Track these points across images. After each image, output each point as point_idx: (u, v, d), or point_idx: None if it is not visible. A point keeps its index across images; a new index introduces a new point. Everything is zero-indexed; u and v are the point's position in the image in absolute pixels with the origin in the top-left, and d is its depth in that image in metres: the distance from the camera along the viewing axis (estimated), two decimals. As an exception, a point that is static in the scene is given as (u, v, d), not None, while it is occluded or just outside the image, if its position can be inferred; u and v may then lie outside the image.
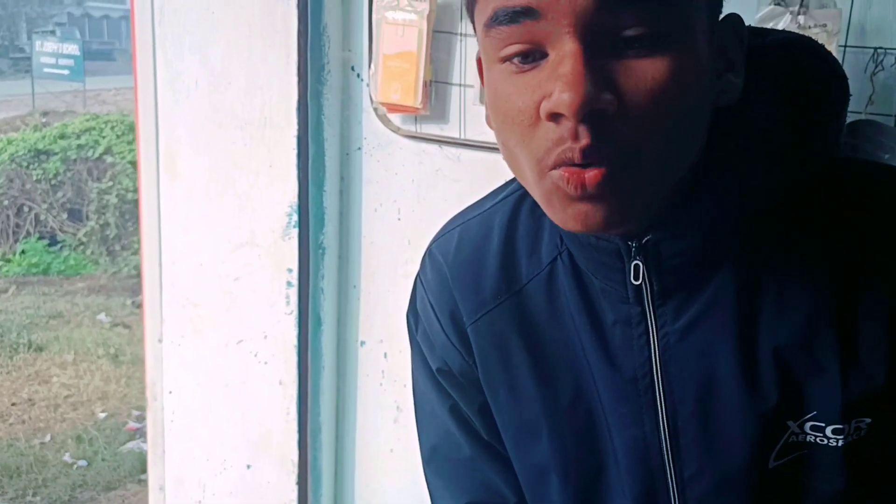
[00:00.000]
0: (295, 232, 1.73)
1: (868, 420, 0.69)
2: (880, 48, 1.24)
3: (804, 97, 0.69)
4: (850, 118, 0.82)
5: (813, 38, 1.22)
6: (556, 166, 0.61)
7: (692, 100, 0.62)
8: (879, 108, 1.19)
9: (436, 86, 1.60)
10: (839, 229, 0.69)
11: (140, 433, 4.15)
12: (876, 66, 1.19)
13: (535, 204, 0.76)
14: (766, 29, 0.75)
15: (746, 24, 0.69)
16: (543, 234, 0.78)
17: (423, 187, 1.67)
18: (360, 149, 1.73)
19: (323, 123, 1.70)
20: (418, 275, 0.87)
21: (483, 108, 1.54)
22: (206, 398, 1.95)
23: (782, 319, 0.69)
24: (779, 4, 1.19)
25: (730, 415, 0.71)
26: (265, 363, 1.85)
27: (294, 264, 1.75)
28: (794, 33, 0.74)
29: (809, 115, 0.69)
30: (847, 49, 1.20)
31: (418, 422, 0.91)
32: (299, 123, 1.67)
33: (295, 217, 1.72)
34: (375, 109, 1.66)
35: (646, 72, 0.59)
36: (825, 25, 1.17)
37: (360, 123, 1.71)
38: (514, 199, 0.81)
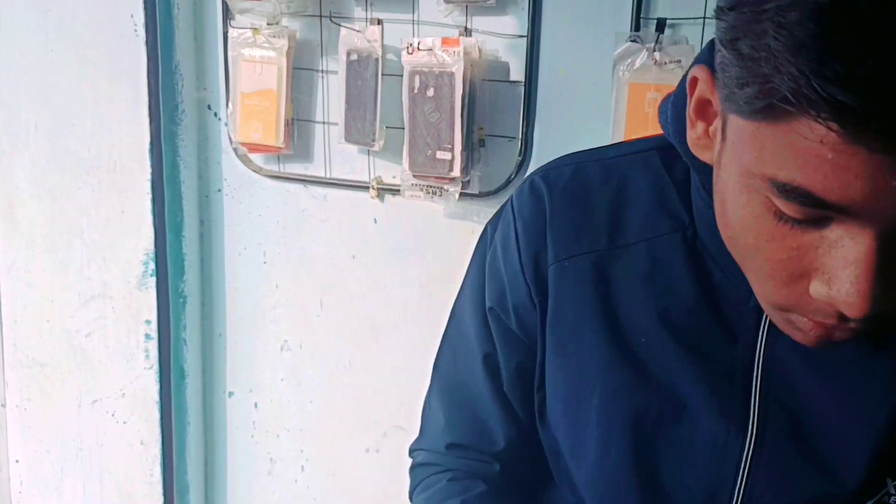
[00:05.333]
0: (152, 281, 1.63)
1: None
2: (728, 82, 1.30)
3: None
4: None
5: (669, 72, 1.29)
6: (805, 314, 0.55)
7: None
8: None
9: (298, 124, 1.55)
10: None
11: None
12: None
13: (667, 165, 0.71)
14: None
15: (603, 59, 0.64)
16: (669, 202, 0.72)
17: (289, 228, 1.61)
18: (220, 191, 1.65)
19: (179, 165, 1.61)
20: (511, 200, 0.79)
21: (349, 146, 1.53)
22: (57, 465, 1.79)
23: None
24: (635, 41, 1.23)
25: (829, 446, 0.66)
26: (124, 423, 1.72)
27: (153, 315, 1.65)
28: None
29: None
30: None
31: (447, 340, 0.85)
32: (153, 166, 1.57)
33: (151, 265, 1.62)
34: (235, 150, 1.59)
35: None
36: (679, 61, 1.22)
37: (220, 164, 1.64)
38: (644, 157, 0.74)
